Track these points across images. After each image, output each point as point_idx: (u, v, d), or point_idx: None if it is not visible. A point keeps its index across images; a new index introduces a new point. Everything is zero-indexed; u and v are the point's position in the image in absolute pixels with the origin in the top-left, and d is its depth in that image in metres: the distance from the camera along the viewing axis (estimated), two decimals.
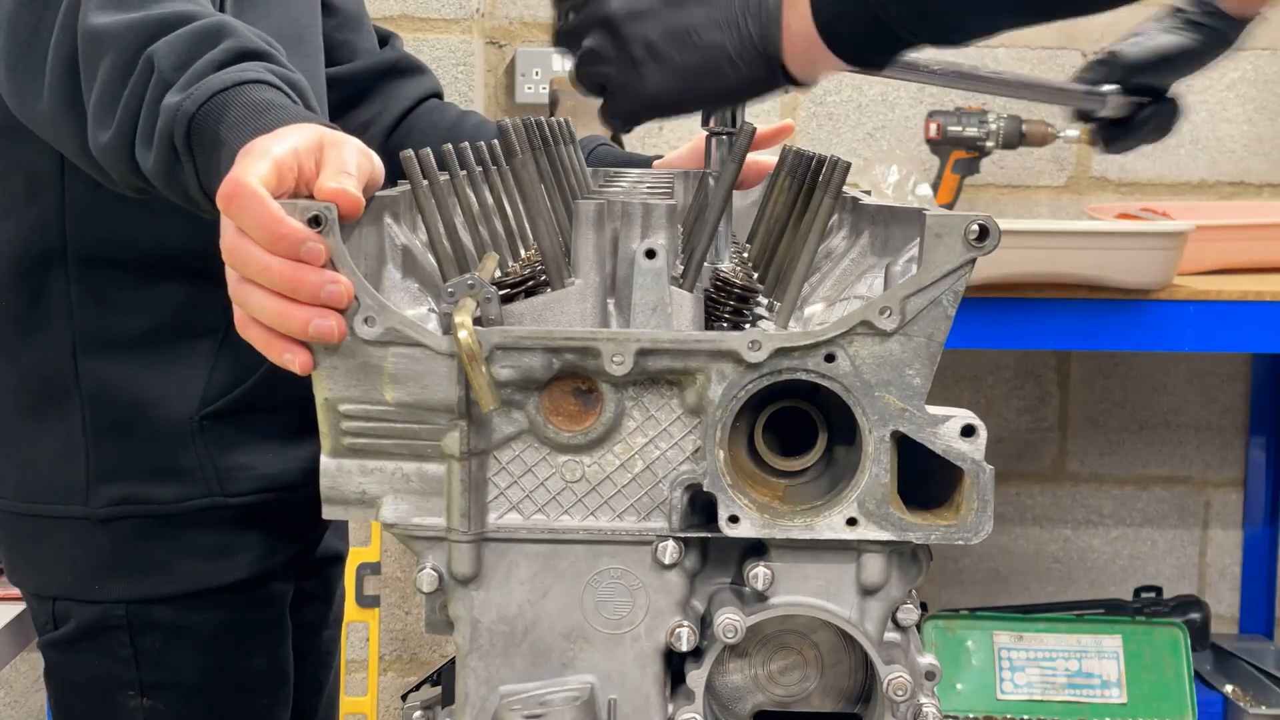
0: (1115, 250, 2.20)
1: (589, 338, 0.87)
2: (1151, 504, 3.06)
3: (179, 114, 1.03)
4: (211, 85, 1.03)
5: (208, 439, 1.41)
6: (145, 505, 1.41)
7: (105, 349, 1.40)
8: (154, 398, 1.40)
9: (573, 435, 0.89)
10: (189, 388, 1.40)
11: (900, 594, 0.91)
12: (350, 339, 0.87)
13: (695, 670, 0.90)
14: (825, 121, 2.96)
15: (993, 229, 0.85)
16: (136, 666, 1.44)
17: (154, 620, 1.43)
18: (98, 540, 1.42)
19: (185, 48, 1.06)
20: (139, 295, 1.39)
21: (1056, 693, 2.68)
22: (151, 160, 1.06)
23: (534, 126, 1.13)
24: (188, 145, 1.03)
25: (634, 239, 0.90)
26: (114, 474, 1.41)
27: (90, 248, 1.38)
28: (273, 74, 1.05)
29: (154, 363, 1.40)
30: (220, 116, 1.01)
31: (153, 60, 1.06)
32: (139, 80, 1.07)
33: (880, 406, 0.87)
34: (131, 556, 1.43)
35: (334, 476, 0.90)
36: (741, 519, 0.88)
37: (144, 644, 1.43)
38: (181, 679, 1.45)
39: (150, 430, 1.40)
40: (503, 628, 0.90)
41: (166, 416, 1.40)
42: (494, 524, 0.90)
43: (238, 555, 1.45)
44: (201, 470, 1.41)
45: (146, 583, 1.43)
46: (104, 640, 1.44)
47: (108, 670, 1.44)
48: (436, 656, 3.00)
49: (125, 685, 1.44)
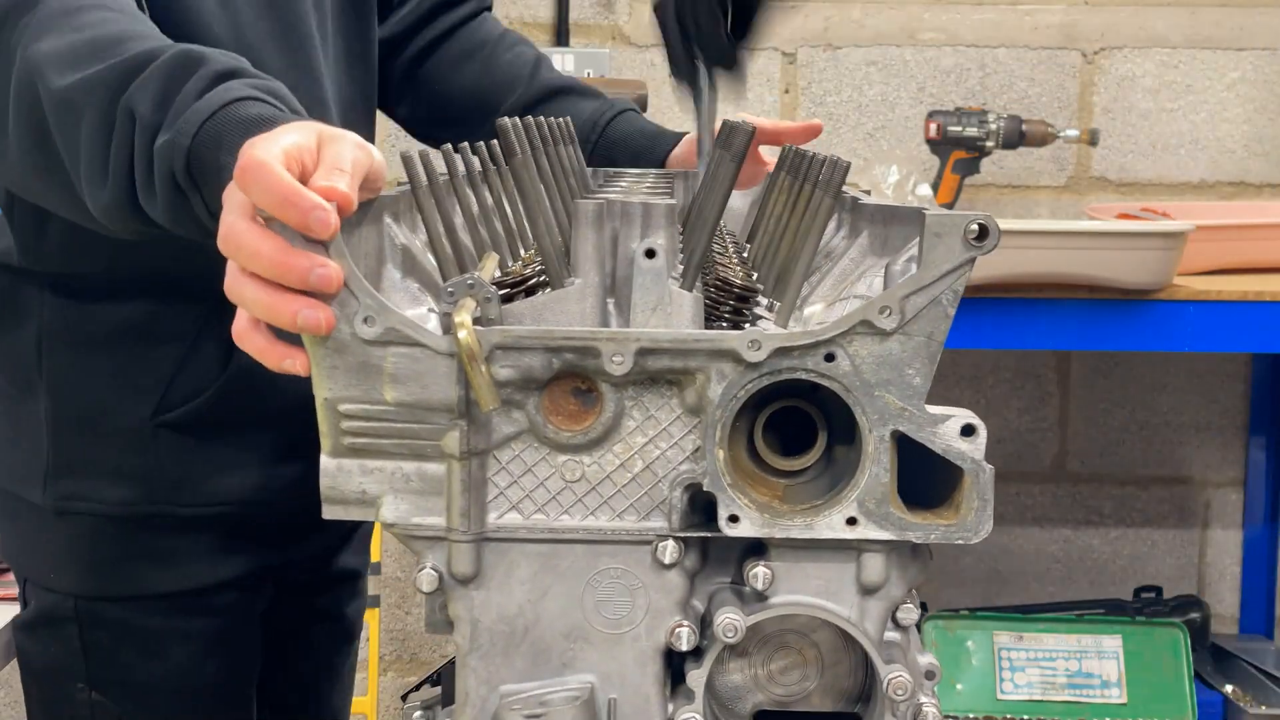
0: (1115, 250, 2.20)
1: (589, 337, 0.86)
2: (1151, 504, 3.06)
3: (175, 150, 1.00)
4: (199, 114, 1.00)
5: (162, 447, 1.41)
6: (95, 503, 1.42)
7: (70, 347, 1.40)
8: (113, 399, 1.40)
9: (572, 435, 0.89)
10: (148, 393, 1.40)
11: (900, 593, 0.91)
12: (350, 339, 0.87)
13: (695, 670, 0.90)
14: (825, 121, 2.96)
15: (992, 228, 0.85)
16: (85, 660, 1.45)
17: (102, 617, 1.44)
18: (53, 531, 1.43)
19: (160, 86, 1.03)
20: (108, 304, 1.39)
21: (1056, 693, 2.68)
22: (159, 205, 1.03)
23: (534, 126, 1.13)
24: (190, 179, 1.01)
25: (634, 238, 0.90)
26: (69, 469, 1.42)
27: (64, 263, 1.38)
28: (253, 88, 1.03)
29: (116, 364, 1.40)
30: (217, 143, 0.99)
31: (131, 109, 1.03)
32: (122, 132, 1.04)
33: (880, 406, 0.87)
34: (81, 552, 1.43)
35: (334, 476, 0.90)
36: (741, 518, 0.88)
37: (92, 639, 1.44)
38: (129, 678, 1.46)
39: (106, 430, 1.41)
40: (503, 627, 0.90)
41: (123, 419, 1.40)
42: (494, 524, 0.89)
43: (185, 564, 1.44)
44: (154, 477, 1.41)
45: (94, 580, 1.44)
46: (57, 630, 1.45)
47: (60, 659, 1.46)
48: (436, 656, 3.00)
49: (75, 677, 1.45)
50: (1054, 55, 2.95)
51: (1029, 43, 2.96)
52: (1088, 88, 2.96)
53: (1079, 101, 2.97)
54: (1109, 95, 2.96)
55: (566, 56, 2.88)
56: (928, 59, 2.95)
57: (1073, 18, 2.95)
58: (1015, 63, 2.95)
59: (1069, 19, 2.95)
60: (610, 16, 2.94)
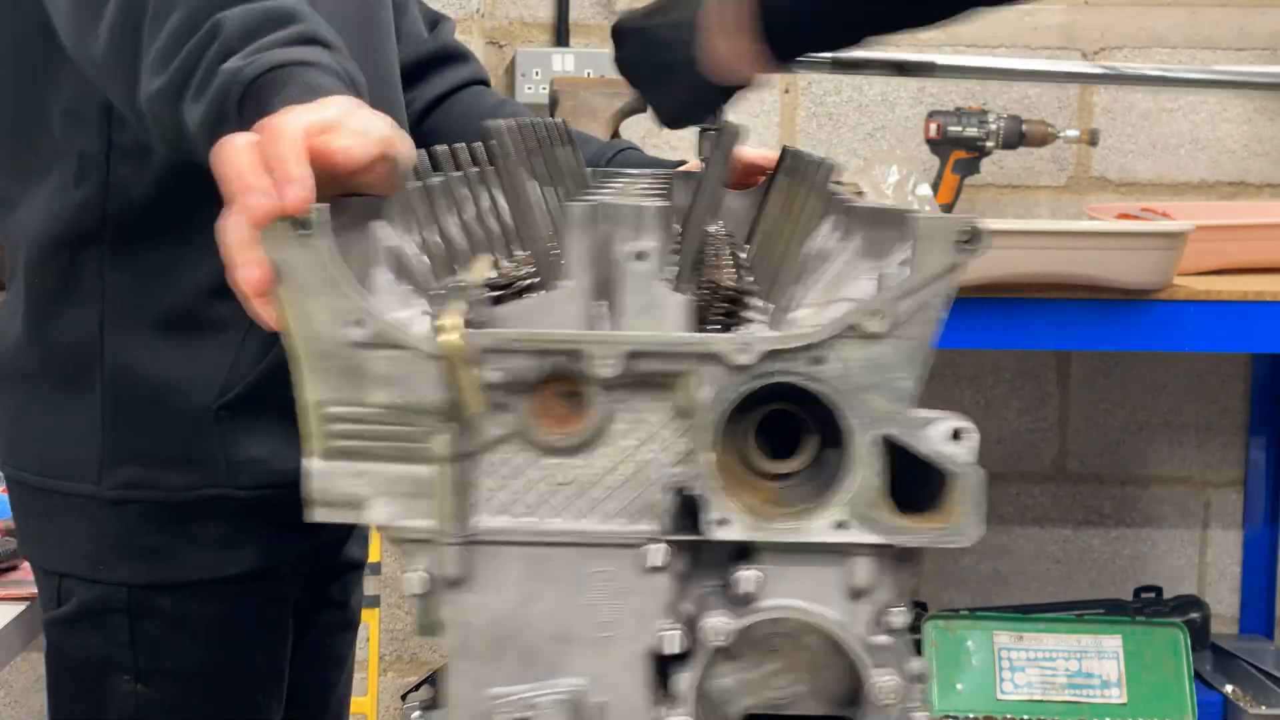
0: (1115, 250, 2.20)
1: (577, 340, 0.86)
2: (1151, 504, 3.05)
3: (238, 77, 1.03)
4: (275, 59, 1.03)
5: (223, 429, 1.41)
6: (154, 490, 1.42)
7: (132, 328, 1.40)
8: (175, 383, 1.40)
9: (562, 438, 0.88)
10: (211, 376, 1.40)
11: (890, 597, 0.91)
12: (339, 342, 0.87)
13: (684, 673, 0.90)
14: (825, 121, 2.96)
15: (981, 232, 0.85)
16: (133, 651, 1.44)
17: (154, 606, 1.44)
18: (105, 521, 1.42)
19: (255, 21, 1.07)
20: (170, 280, 1.39)
21: (1056, 693, 2.68)
22: (200, 114, 1.06)
23: (528, 127, 1.13)
24: (239, 108, 1.03)
25: (624, 241, 0.90)
26: (127, 456, 1.41)
27: (128, 230, 1.38)
28: (337, 63, 1.06)
29: (178, 347, 1.40)
30: (279, 90, 1.01)
31: (220, 26, 1.07)
32: (201, 40, 1.07)
33: (869, 409, 0.87)
34: (137, 541, 1.43)
35: (322, 479, 0.90)
36: (730, 522, 0.88)
37: (142, 629, 1.44)
38: (176, 667, 1.45)
39: (167, 415, 1.40)
40: (491, 630, 0.90)
41: (185, 403, 1.40)
42: (483, 526, 0.89)
43: (242, 548, 1.45)
44: (213, 460, 1.41)
45: (150, 568, 1.43)
46: (104, 622, 1.44)
47: (104, 652, 1.45)
48: (436, 656, 3.00)
49: (120, 669, 1.44)
50: (1054, 55, 2.95)
51: (1029, 43, 2.95)
52: (1088, 88, 2.95)
53: (1079, 101, 2.96)
54: (1109, 95, 2.96)
55: (567, 56, 2.88)
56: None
57: (1073, 18, 2.94)
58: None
59: (1069, 19, 2.94)
60: (610, 17, 2.94)
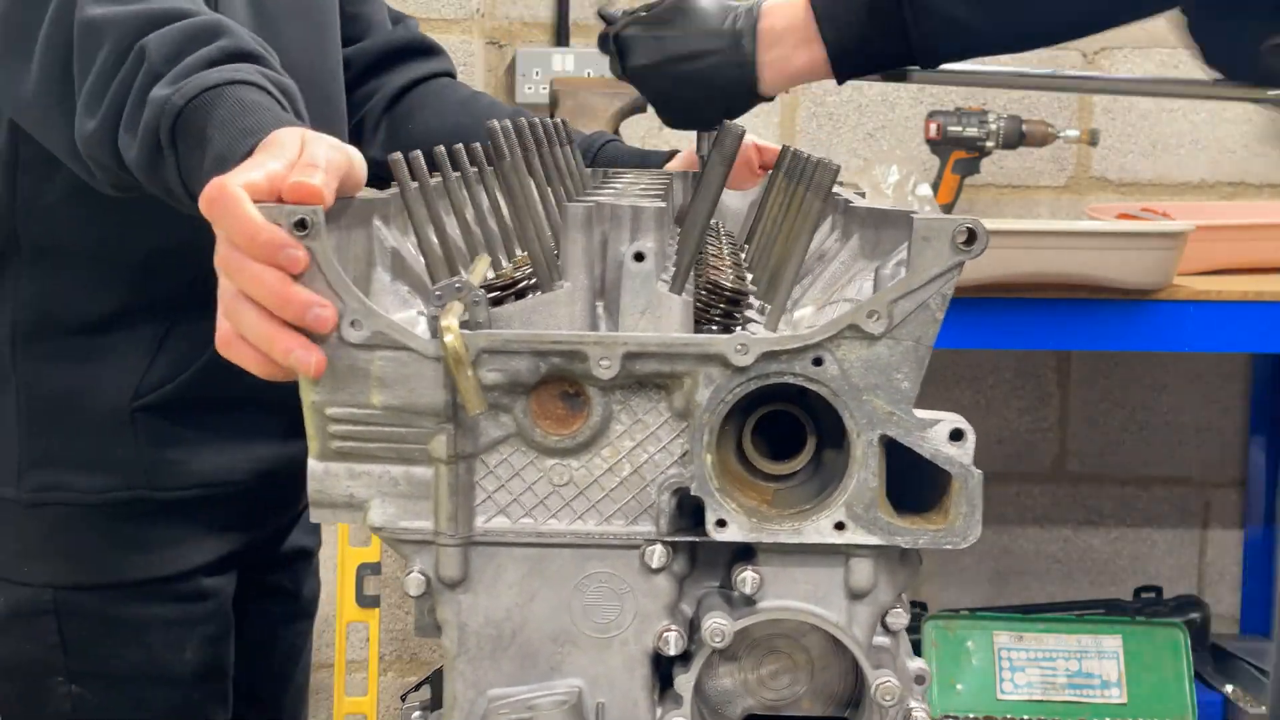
0: (1115, 250, 2.20)
1: (576, 341, 0.86)
2: (1151, 504, 3.05)
3: (166, 107, 1.03)
4: (202, 82, 1.03)
5: (139, 432, 1.41)
6: (71, 493, 1.42)
7: (43, 338, 1.40)
8: (88, 387, 1.40)
9: (560, 439, 0.88)
10: (125, 379, 1.40)
11: (889, 598, 0.91)
12: (337, 342, 0.87)
13: (683, 674, 0.90)
14: (825, 121, 2.96)
15: (980, 232, 0.85)
16: (64, 653, 1.43)
17: (80, 608, 1.43)
18: (26, 524, 1.43)
19: (178, 42, 1.07)
20: (85, 288, 1.39)
21: (1056, 693, 2.68)
22: (135, 151, 1.06)
23: (527, 128, 1.13)
24: (172, 139, 1.03)
25: (623, 241, 0.90)
26: (43, 460, 1.42)
27: (39, 241, 1.38)
28: (264, 77, 1.06)
29: (91, 353, 1.40)
30: (208, 114, 1.01)
31: (144, 51, 1.07)
32: (129, 70, 1.07)
33: (868, 410, 0.87)
34: (58, 543, 1.43)
35: (321, 480, 0.90)
36: (729, 523, 0.88)
37: (71, 631, 1.43)
38: (109, 668, 1.45)
39: (82, 419, 1.41)
40: (490, 631, 0.90)
41: (99, 406, 1.40)
42: (481, 528, 0.89)
43: (164, 550, 1.44)
44: (131, 463, 1.41)
45: (72, 570, 1.43)
46: (33, 624, 1.44)
47: (36, 655, 1.44)
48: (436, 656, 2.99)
49: (54, 671, 1.44)
50: (1054, 55, 2.94)
51: None
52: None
53: (1079, 101, 2.96)
54: (1109, 95, 2.96)
55: (567, 56, 2.88)
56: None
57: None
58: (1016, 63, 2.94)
59: None
60: None
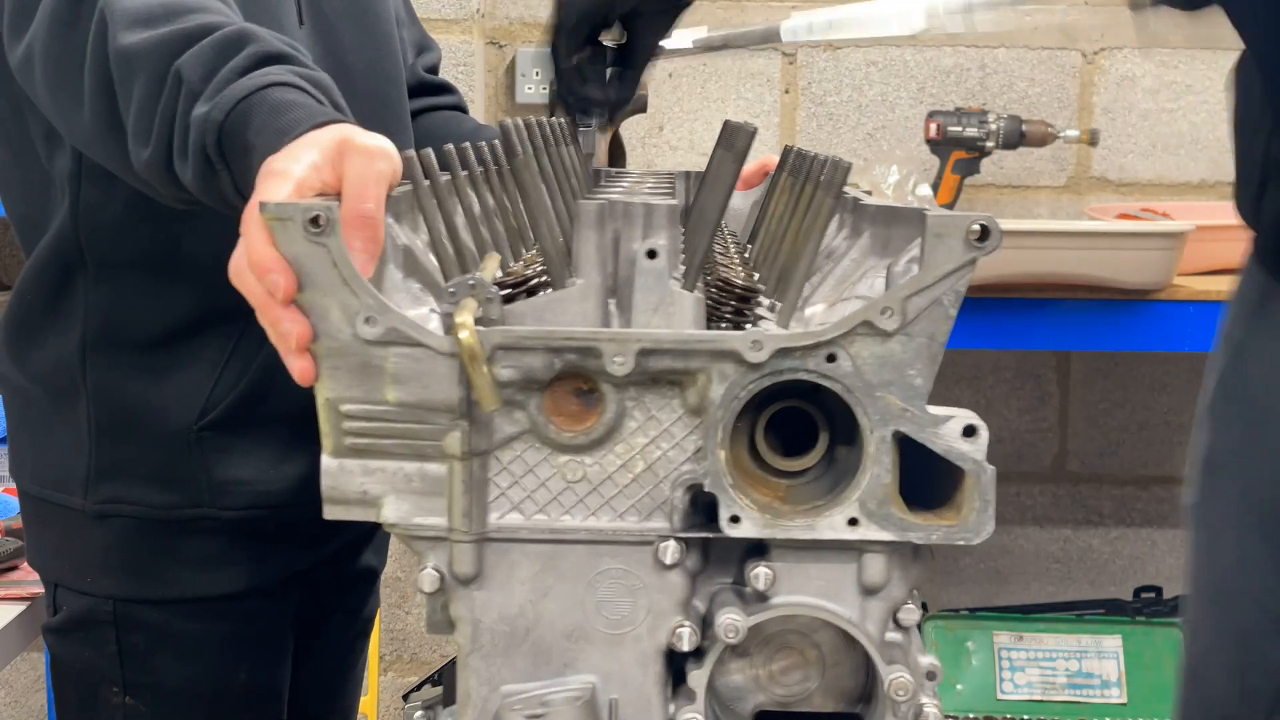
0: (1115, 250, 2.20)
1: (590, 338, 0.86)
2: (1151, 504, 3.06)
3: (208, 124, 1.04)
4: (235, 92, 1.04)
5: (204, 450, 1.41)
6: (137, 506, 1.42)
7: (112, 351, 1.41)
8: (156, 403, 1.41)
9: (574, 435, 0.89)
10: (191, 397, 1.41)
11: (901, 594, 0.91)
12: (351, 339, 0.87)
13: (696, 670, 0.90)
14: (825, 121, 2.96)
15: (994, 229, 0.85)
16: (121, 663, 1.45)
17: (140, 620, 1.44)
18: (92, 535, 1.43)
19: (209, 58, 1.08)
20: (151, 299, 1.40)
21: (1056, 693, 2.69)
22: (190, 172, 1.07)
23: (535, 126, 1.13)
24: (220, 154, 1.04)
25: (635, 239, 0.90)
26: (112, 473, 1.42)
27: (104, 252, 1.39)
28: (295, 75, 1.06)
29: (159, 367, 1.41)
30: (246, 122, 1.02)
31: (180, 73, 1.08)
32: (170, 95, 1.08)
33: (881, 407, 0.87)
34: (122, 555, 1.43)
35: (335, 476, 0.90)
36: (743, 519, 0.88)
37: (129, 642, 1.44)
38: (163, 682, 1.45)
39: (150, 434, 1.41)
40: (504, 628, 0.90)
41: (167, 423, 1.41)
42: (495, 524, 0.89)
43: (226, 568, 1.45)
44: (196, 480, 1.42)
45: (134, 583, 1.44)
46: (93, 633, 1.45)
47: (94, 663, 1.46)
48: (437, 656, 3.00)
49: (109, 680, 1.45)
50: (1054, 55, 2.95)
51: (1029, 43, 2.96)
52: (1088, 88, 2.96)
53: (1079, 101, 2.97)
54: (1109, 95, 2.96)
55: None
56: (928, 59, 2.95)
57: (1072, 18, 2.95)
58: (1015, 63, 2.95)
59: (1069, 19, 2.95)
60: None
